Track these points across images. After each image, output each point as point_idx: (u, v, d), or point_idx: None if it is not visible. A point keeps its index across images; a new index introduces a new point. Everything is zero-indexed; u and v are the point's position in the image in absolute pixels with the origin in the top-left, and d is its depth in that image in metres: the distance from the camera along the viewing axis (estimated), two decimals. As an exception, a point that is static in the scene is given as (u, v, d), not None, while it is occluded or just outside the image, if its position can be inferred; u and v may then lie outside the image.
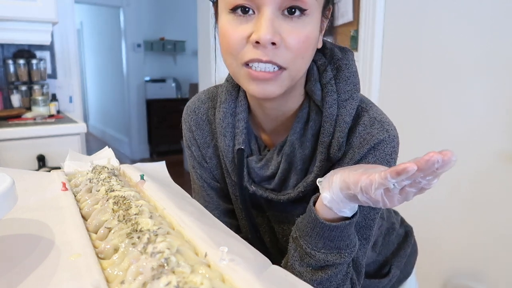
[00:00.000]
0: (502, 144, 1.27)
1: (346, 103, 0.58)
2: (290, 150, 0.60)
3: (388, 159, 0.58)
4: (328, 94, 0.58)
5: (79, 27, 6.26)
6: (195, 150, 0.71)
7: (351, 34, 1.76)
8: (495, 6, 1.26)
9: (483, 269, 1.37)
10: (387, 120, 0.60)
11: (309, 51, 0.53)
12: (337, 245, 0.52)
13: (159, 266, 0.31)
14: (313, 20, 0.51)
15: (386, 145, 0.58)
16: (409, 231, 0.85)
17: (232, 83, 0.66)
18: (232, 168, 0.65)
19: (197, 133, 0.70)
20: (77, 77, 2.33)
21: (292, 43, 0.50)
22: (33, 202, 0.50)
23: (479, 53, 1.31)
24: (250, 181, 0.65)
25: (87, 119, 6.68)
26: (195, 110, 0.71)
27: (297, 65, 0.52)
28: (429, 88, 1.48)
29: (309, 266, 0.54)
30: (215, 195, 0.73)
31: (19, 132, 1.61)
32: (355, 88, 0.59)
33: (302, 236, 0.54)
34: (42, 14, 1.77)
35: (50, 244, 0.38)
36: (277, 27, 0.49)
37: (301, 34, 0.50)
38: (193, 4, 2.73)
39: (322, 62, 0.61)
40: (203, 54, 2.58)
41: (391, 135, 0.58)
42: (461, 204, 1.41)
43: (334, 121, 0.58)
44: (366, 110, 0.60)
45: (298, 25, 0.50)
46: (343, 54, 0.61)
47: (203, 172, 0.72)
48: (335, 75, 0.60)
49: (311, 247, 0.53)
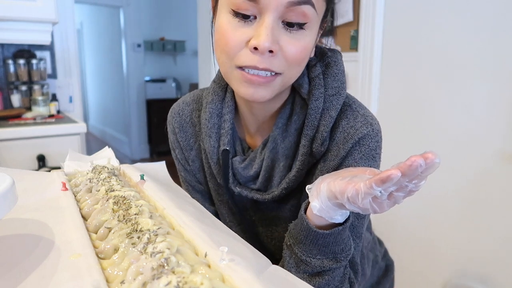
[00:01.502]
0: (502, 144, 1.27)
1: (333, 98, 0.58)
2: (273, 146, 0.60)
3: (373, 154, 0.58)
4: (315, 87, 0.58)
5: (79, 27, 6.25)
6: (179, 152, 0.71)
7: (351, 34, 1.76)
8: (495, 6, 1.26)
9: (483, 269, 1.37)
10: (370, 114, 0.60)
11: (305, 61, 0.54)
12: (332, 250, 0.51)
13: (159, 266, 0.31)
14: (312, 33, 0.53)
15: (370, 140, 0.57)
16: (390, 265, 0.83)
17: (219, 84, 0.65)
18: (218, 170, 0.65)
19: (180, 135, 0.70)
20: (77, 77, 2.33)
21: (290, 53, 0.51)
22: (33, 202, 0.50)
23: (479, 53, 1.31)
24: (236, 183, 0.64)
25: (87, 119, 6.68)
26: (179, 112, 0.70)
27: (292, 72, 0.54)
28: (429, 88, 1.48)
29: (305, 272, 0.53)
30: (200, 198, 0.73)
31: (19, 132, 1.61)
32: (342, 86, 0.59)
33: (296, 244, 0.53)
34: (42, 14, 1.77)
35: (50, 244, 0.38)
36: (276, 35, 0.50)
37: (299, 45, 0.51)
38: (193, 4, 2.73)
39: (311, 59, 0.61)
40: (203, 54, 2.59)
41: (374, 129, 0.58)
42: (461, 204, 1.41)
43: (320, 114, 0.58)
44: (349, 105, 0.60)
45: (297, 36, 0.51)
46: (332, 53, 0.62)
47: (187, 175, 0.72)
48: (323, 71, 0.60)
49: (306, 254, 0.52)
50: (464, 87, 1.37)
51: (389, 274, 0.81)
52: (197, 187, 0.72)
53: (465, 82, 1.36)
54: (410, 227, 1.59)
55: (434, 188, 1.47)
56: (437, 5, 1.43)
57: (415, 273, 1.54)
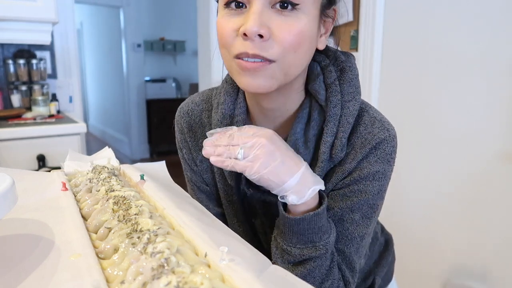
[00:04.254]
0: (502, 144, 1.27)
1: (349, 104, 0.58)
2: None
3: (389, 159, 0.59)
4: (332, 94, 0.59)
5: (79, 27, 6.26)
6: (186, 152, 0.71)
7: (351, 34, 1.76)
8: (494, 6, 1.26)
9: (483, 269, 1.37)
10: (386, 120, 0.61)
11: (302, 46, 0.52)
12: (309, 238, 0.54)
13: (159, 266, 0.31)
14: (308, 16, 0.51)
15: (387, 144, 0.58)
16: (389, 239, 0.85)
17: (231, 84, 0.65)
18: (229, 172, 0.64)
19: (189, 135, 0.70)
20: (77, 77, 2.33)
21: (281, 36, 0.49)
22: (33, 202, 0.50)
23: (479, 53, 1.31)
24: (248, 185, 0.64)
25: (87, 119, 6.68)
26: (189, 112, 0.70)
27: (288, 59, 0.51)
28: (429, 88, 1.48)
29: (289, 262, 0.57)
30: (205, 199, 0.73)
31: (19, 132, 1.61)
32: (357, 90, 0.60)
33: (279, 234, 0.57)
34: (42, 14, 1.77)
35: (50, 244, 0.38)
36: (266, 20, 0.49)
37: (293, 27, 0.50)
38: (193, 4, 2.72)
39: (326, 63, 0.61)
40: (203, 54, 2.58)
41: (391, 134, 0.59)
42: (461, 203, 1.41)
43: (338, 121, 0.58)
44: (366, 111, 0.61)
45: (290, 19, 0.50)
46: (346, 57, 0.62)
47: (192, 175, 0.72)
48: (338, 77, 0.60)
49: (286, 243, 0.55)
50: (464, 87, 1.37)
51: (389, 247, 0.83)
52: (202, 187, 0.72)
53: (465, 82, 1.36)
54: (410, 227, 1.58)
55: (434, 188, 1.47)
56: (437, 5, 1.43)
57: (415, 273, 1.54)
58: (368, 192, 0.59)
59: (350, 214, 0.59)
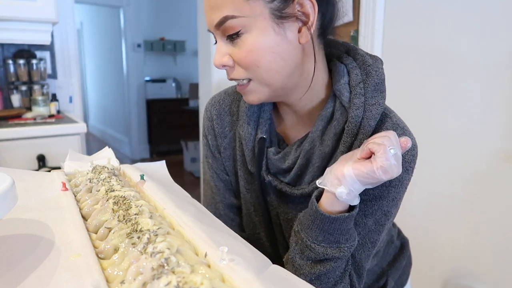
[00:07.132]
0: (501, 144, 1.27)
1: (372, 108, 0.59)
2: (310, 147, 0.61)
3: (407, 167, 0.58)
4: (356, 96, 0.59)
5: (79, 27, 6.26)
6: (211, 139, 0.73)
7: (351, 34, 1.76)
8: (494, 6, 1.26)
9: (483, 269, 1.37)
10: (408, 129, 0.61)
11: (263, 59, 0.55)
12: (336, 238, 0.54)
13: (159, 266, 0.31)
14: (256, 32, 0.53)
15: (406, 153, 0.58)
16: (405, 243, 0.86)
17: None
18: (251, 158, 0.67)
19: (217, 122, 0.72)
20: (77, 77, 2.33)
21: (238, 60, 0.56)
22: (33, 202, 0.50)
23: (479, 53, 1.32)
24: (267, 171, 0.66)
25: (87, 119, 6.68)
26: (220, 101, 0.73)
27: (257, 74, 0.56)
28: (429, 88, 1.48)
29: (309, 259, 0.56)
30: (222, 187, 0.74)
31: (19, 132, 1.61)
32: (382, 95, 0.60)
33: (303, 229, 0.56)
34: (42, 14, 1.77)
35: (50, 244, 0.38)
36: (226, 51, 0.56)
37: (243, 50, 0.55)
38: (193, 4, 2.72)
39: (353, 66, 0.62)
40: (203, 54, 2.58)
41: (412, 143, 0.59)
42: (461, 203, 1.41)
43: (359, 123, 0.58)
44: (389, 117, 0.61)
45: (239, 44, 0.55)
46: (374, 61, 0.62)
47: (214, 163, 0.74)
48: (364, 80, 0.61)
49: (311, 240, 0.55)
50: (464, 87, 1.37)
51: (404, 251, 0.83)
52: (222, 176, 0.74)
53: (465, 82, 1.36)
54: (410, 227, 1.58)
55: (433, 188, 1.47)
56: (437, 5, 1.43)
57: (415, 273, 1.53)
58: (383, 197, 0.59)
59: (364, 219, 0.59)
